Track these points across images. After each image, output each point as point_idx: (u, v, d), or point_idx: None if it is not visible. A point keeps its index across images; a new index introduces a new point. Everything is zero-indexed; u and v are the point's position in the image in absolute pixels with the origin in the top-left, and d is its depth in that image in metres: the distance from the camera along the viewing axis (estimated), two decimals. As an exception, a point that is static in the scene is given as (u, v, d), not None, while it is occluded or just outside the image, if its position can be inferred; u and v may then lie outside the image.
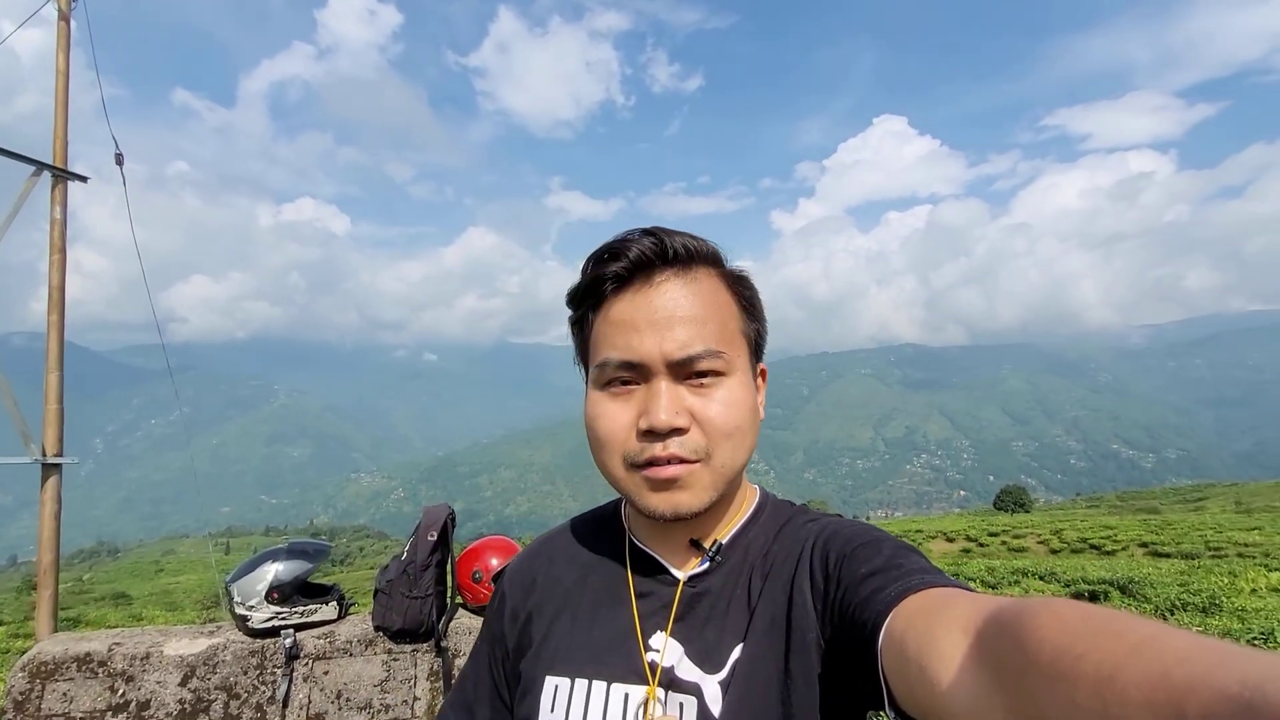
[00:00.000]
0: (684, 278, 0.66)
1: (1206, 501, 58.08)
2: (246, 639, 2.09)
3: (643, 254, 0.65)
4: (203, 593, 35.55)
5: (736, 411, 0.65)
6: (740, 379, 0.67)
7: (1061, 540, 28.38)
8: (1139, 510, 51.53)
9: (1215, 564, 15.58)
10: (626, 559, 0.76)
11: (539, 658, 0.73)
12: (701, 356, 0.64)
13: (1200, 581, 11.17)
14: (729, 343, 0.67)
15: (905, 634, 0.48)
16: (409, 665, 2.17)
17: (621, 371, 0.66)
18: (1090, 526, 31.96)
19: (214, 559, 45.03)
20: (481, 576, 2.29)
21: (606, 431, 0.67)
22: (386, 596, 2.15)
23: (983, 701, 0.39)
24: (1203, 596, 9.38)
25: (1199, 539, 23.45)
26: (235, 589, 2.09)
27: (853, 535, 0.64)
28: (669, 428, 0.63)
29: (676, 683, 0.66)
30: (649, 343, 0.64)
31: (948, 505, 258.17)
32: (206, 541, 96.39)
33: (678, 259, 0.66)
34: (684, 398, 0.65)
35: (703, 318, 0.65)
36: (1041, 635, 0.36)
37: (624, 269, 0.66)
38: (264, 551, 2.20)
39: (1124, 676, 0.31)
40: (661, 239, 0.66)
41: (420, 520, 2.25)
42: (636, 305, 0.65)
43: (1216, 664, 0.30)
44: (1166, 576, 12.70)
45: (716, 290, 0.68)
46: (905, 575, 0.54)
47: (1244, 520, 30.63)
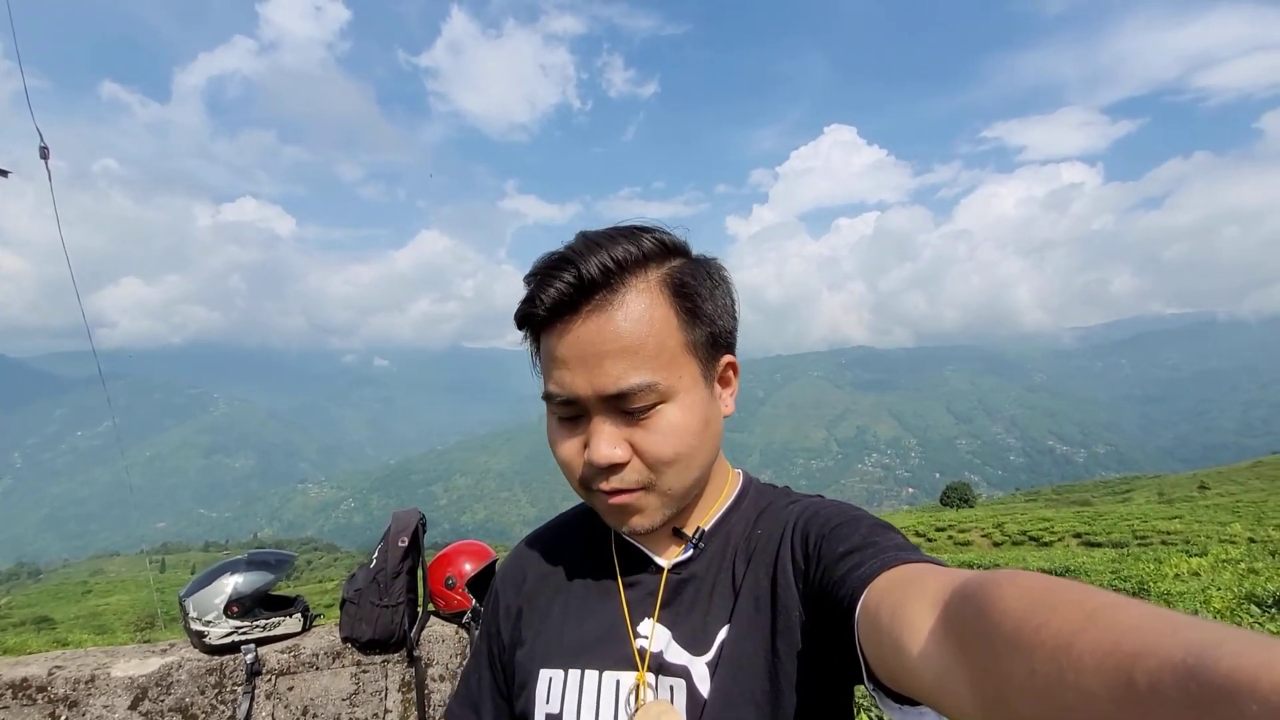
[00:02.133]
0: (610, 305, 0.63)
1: (1133, 493, 61.58)
2: (203, 656, 1.93)
3: (559, 295, 0.63)
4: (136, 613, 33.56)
5: (677, 438, 0.65)
6: (684, 399, 0.65)
7: (1003, 533, 29.64)
8: (1073, 503, 54.26)
9: (1142, 551, 16.55)
10: (613, 552, 0.78)
11: (533, 652, 0.74)
12: (634, 392, 0.63)
13: (1130, 569, 11.84)
14: (666, 365, 0.64)
15: (879, 608, 0.50)
16: (379, 677, 2.07)
17: (563, 407, 0.67)
18: (1029, 519, 33.47)
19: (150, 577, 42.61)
20: (455, 582, 2.20)
21: (562, 459, 0.69)
22: (355, 606, 2.05)
23: (949, 669, 0.41)
24: (1132, 583, 9.95)
25: (1127, 529, 24.87)
26: (190, 604, 1.94)
27: (832, 515, 0.66)
28: (606, 464, 0.64)
29: (666, 667, 0.68)
30: (580, 381, 0.64)
31: (897, 502, 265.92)
32: (141, 559, 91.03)
33: (598, 285, 0.63)
34: (623, 431, 0.65)
35: (634, 346, 0.63)
36: (1004, 606, 0.37)
37: (544, 312, 0.64)
38: (221, 563, 2.08)
39: (1079, 644, 0.32)
40: (579, 269, 0.62)
41: (389, 526, 2.15)
42: (565, 342, 0.64)
43: (1166, 633, 0.32)
44: (1099, 565, 13.42)
45: (651, 306, 0.64)
46: (881, 552, 0.56)
47: (1166, 510, 32.62)
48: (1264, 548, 14.62)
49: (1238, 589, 6.53)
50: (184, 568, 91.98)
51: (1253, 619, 4.39)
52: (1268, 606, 5.02)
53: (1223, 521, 24.00)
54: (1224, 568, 10.76)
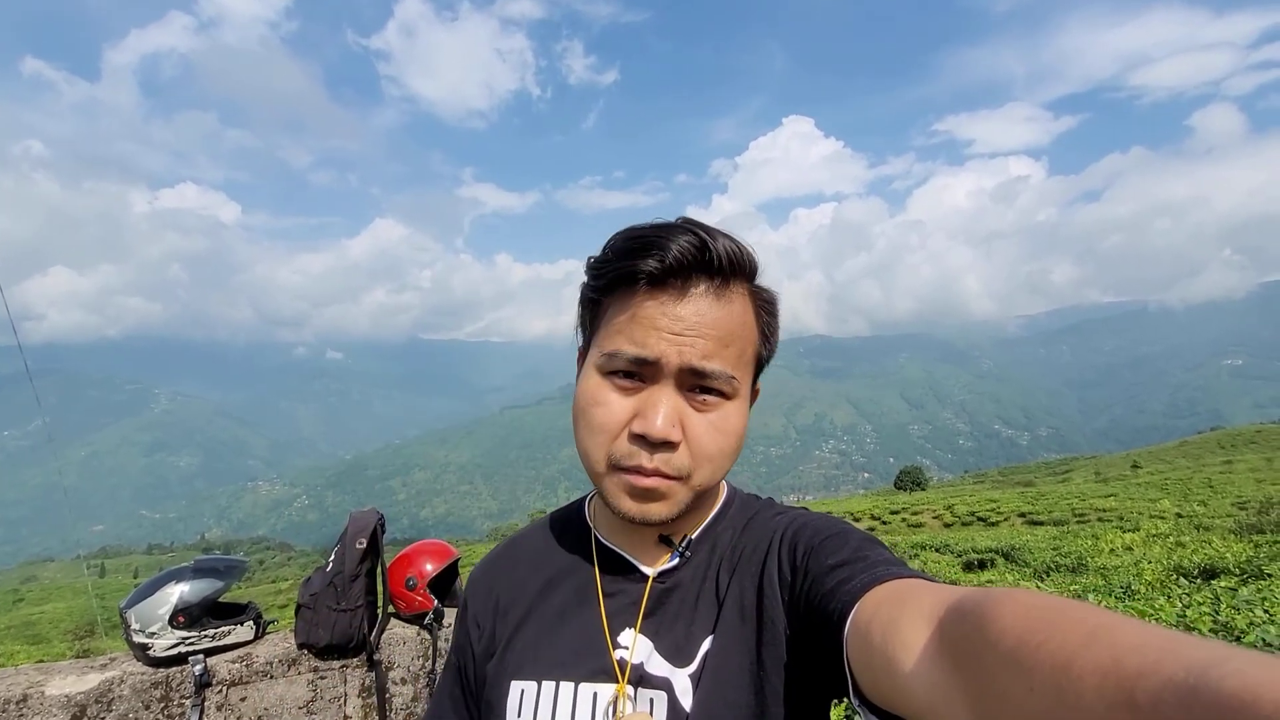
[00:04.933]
0: (720, 294, 0.64)
1: (1072, 474, 64.84)
2: (147, 670, 1.81)
3: (683, 256, 0.61)
4: (73, 622, 32.03)
5: (726, 438, 0.65)
6: (739, 405, 0.66)
7: (953, 514, 30.83)
8: (1017, 484, 56.76)
9: (1081, 528, 17.46)
10: (594, 558, 0.75)
11: (504, 663, 0.72)
12: (715, 375, 0.63)
13: (1069, 545, 12.48)
14: (743, 368, 0.66)
15: (870, 624, 0.49)
16: (338, 683, 2.00)
17: (631, 365, 0.64)
18: (977, 500, 34.89)
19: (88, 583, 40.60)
20: (416, 583, 2.14)
21: (601, 421, 0.65)
22: (311, 611, 1.97)
23: (944, 687, 0.40)
24: (1071, 558, 10.50)
25: (1067, 507, 26.18)
26: (132, 615, 1.82)
27: (820, 528, 0.65)
28: (662, 438, 0.62)
29: (646, 679, 0.66)
30: (667, 345, 0.62)
31: (853, 487, 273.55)
32: (78, 564, 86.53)
33: (719, 270, 0.63)
34: (682, 409, 0.64)
35: (727, 339, 0.64)
36: (1002, 624, 0.37)
37: (659, 269, 0.61)
38: (165, 572, 1.96)
39: (1079, 664, 0.32)
40: (704, 241, 0.62)
41: (346, 527, 2.07)
42: (665, 310, 0.62)
43: (1167, 651, 0.31)
44: (1042, 542, 14.10)
45: (745, 312, 0.66)
46: (871, 566, 0.55)
47: (1102, 489, 34.46)
48: (1190, 522, 15.61)
49: (1166, 562, 6.96)
50: (125, 572, 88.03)
51: (1181, 590, 4.68)
52: (1194, 578, 5.36)
53: (1153, 498, 25.51)
54: (1154, 542, 11.45)
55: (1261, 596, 3.35)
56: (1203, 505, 20.52)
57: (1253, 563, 5.17)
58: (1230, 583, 4.59)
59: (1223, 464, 42.84)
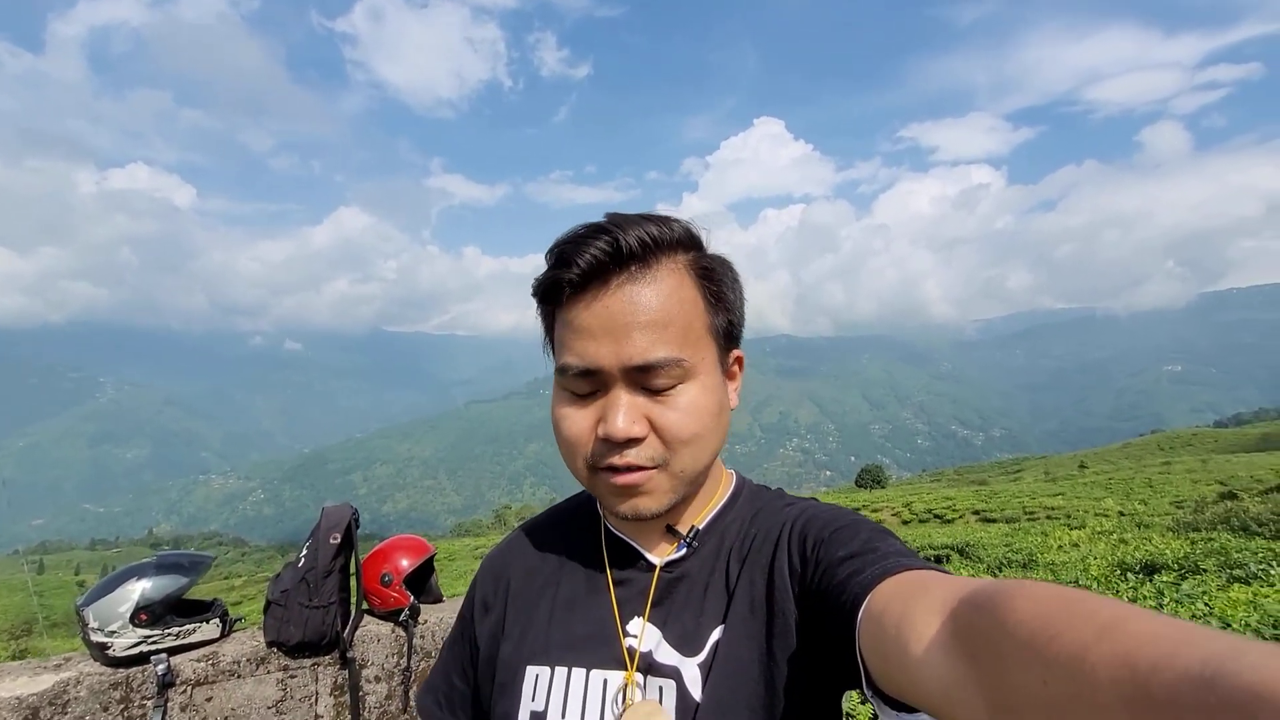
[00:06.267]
0: (643, 278, 0.63)
1: (1023, 473, 67.11)
2: (106, 670, 1.73)
3: (595, 259, 0.62)
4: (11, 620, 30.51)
5: (696, 418, 0.64)
6: (703, 381, 0.65)
7: (911, 512, 31.63)
8: (972, 482, 58.47)
9: (1031, 525, 18.12)
10: (603, 547, 0.76)
11: (519, 649, 0.72)
12: (660, 365, 0.62)
13: (1020, 541, 12.94)
14: (693, 345, 0.64)
15: (883, 615, 0.49)
16: (309, 681, 1.95)
17: (580, 379, 0.65)
18: (934, 498, 35.84)
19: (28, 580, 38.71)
20: (392, 579, 2.11)
21: (569, 435, 0.66)
22: (282, 608, 1.92)
23: (959, 678, 0.40)
24: (1022, 554, 10.89)
25: (1018, 505, 27.10)
26: (90, 613, 1.74)
27: (830, 519, 0.65)
28: (624, 438, 0.63)
29: (655, 667, 0.66)
30: (605, 350, 0.62)
31: (816, 485, 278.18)
32: (16, 560, 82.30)
33: (634, 257, 0.63)
34: (642, 405, 0.64)
35: (663, 320, 0.62)
36: (1018, 617, 0.37)
37: (576, 275, 0.62)
38: (126, 568, 1.87)
39: (1093, 656, 0.32)
40: (616, 238, 0.62)
41: (319, 522, 2.04)
42: (593, 311, 0.63)
43: (1182, 644, 0.31)
44: (994, 539, 14.60)
45: (679, 286, 0.65)
46: (883, 558, 0.55)
47: (1051, 488, 35.76)
48: (1132, 520, 16.36)
49: (1111, 558, 7.30)
50: (66, 568, 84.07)
51: (1126, 584, 4.93)
52: (1136, 573, 5.64)
53: (1098, 497, 26.61)
54: (1099, 539, 11.96)
55: (1201, 590, 3.55)
56: (1143, 504, 21.49)
57: (1190, 559, 5.45)
58: (1170, 578, 4.84)
59: (1162, 465, 44.90)
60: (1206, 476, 31.14)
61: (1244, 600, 3.54)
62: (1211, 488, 21.35)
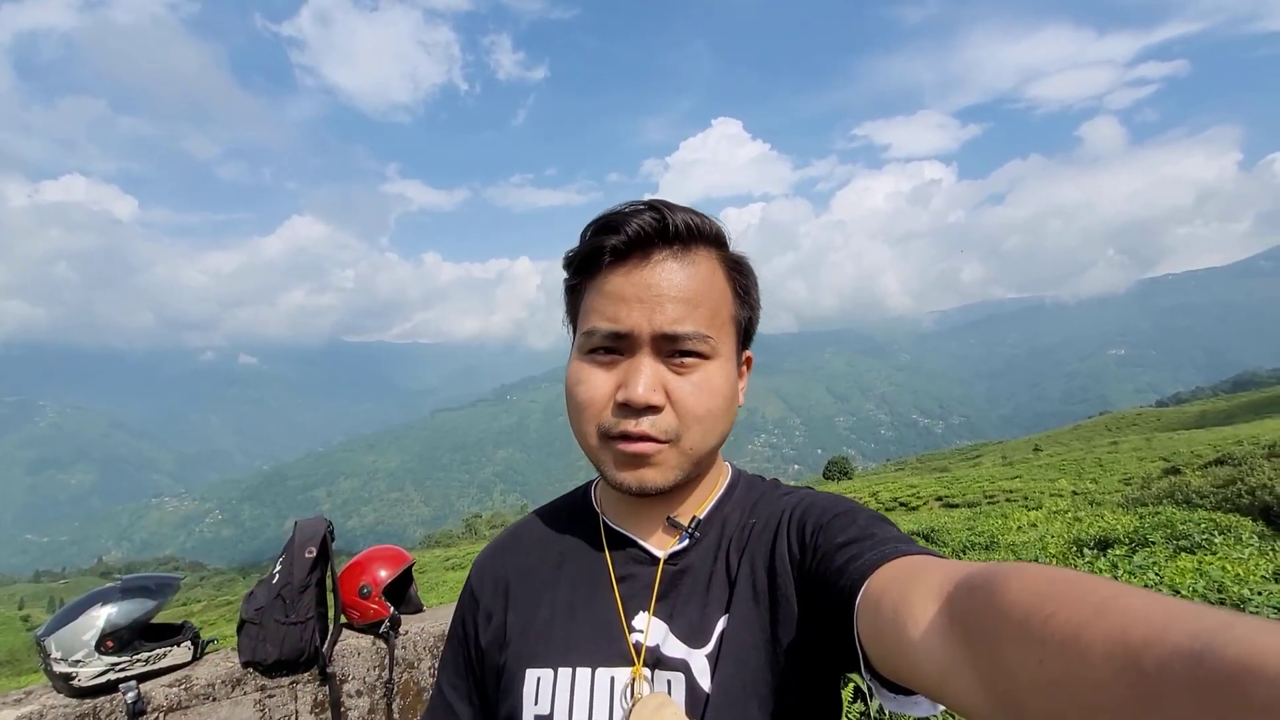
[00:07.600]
0: (682, 258, 0.66)
1: (982, 458, 69.17)
2: (72, 701, 1.65)
3: (642, 229, 0.64)
4: (-54, 661, 28.69)
5: (711, 397, 0.66)
6: (722, 365, 0.68)
7: (878, 501, 32.26)
8: (934, 469, 59.99)
9: (991, 509, 18.67)
10: (603, 542, 0.75)
11: (519, 652, 0.71)
12: (688, 337, 0.64)
13: (982, 525, 13.34)
14: (719, 328, 0.67)
15: (880, 599, 0.50)
16: (288, 700, 1.89)
17: (608, 341, 0.66)
18: (899, 487, 36.66)
19: (-37, 618, 36.47)
20: (370, 591, 2.06)
21: (586, 398, 0.67)
22: (257, 627, 1.85)
23: (955, 660, 0.41)
24: (984, 537, 11.22)
25: (979, 490, 27.93)
26: (52, 643, 1.66)
27: (828, 506, 0.66)
28: (645, 404, 0.64)
29: (663, 661, 0.66)
30: (638, 315, 0.64)
31: (784, 479, 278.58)
32: (-52, 599, 77.45)
33: (678, 237, 0.66)
34: (663, 375, 0.65)
35: (695, 299, 0.65)
36: (1012, 598, 0.38)
37: (622, 243, 0.65)
38: (88, 594, 1.79)
39: (1088, 635, 0.33)
40: (663, 214, 0.65)
41: (293, 537, 1.98)
42: (631, 280, 0.65)
43: (1172, 619, 0.32)
44: (957, 524, 15.01)
45: (713, 273, 0.68)
46: (880, 544, 0.56)
47: (1008, 471, 36.95)
48: (1085, 498, 17.03)
49: (1067, 535, 7.58)
50: (9, 603, 79.45)
51: (1082, 560, 5.13)
52: (1091, 548, 5.88)
53: (1052, 478, 27.62)
54: (1055, 518, 12.41)
55: (1151, 562, 3.72)
56: (1094, 483, 22.37)
57: (1139, 532, 5.71)
58: (1122, 551, 5.07)
59: (1110, 444, 46.80)
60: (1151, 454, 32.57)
61: (1190, 569, 3.73)
62: (1156, 464, 22.35)
